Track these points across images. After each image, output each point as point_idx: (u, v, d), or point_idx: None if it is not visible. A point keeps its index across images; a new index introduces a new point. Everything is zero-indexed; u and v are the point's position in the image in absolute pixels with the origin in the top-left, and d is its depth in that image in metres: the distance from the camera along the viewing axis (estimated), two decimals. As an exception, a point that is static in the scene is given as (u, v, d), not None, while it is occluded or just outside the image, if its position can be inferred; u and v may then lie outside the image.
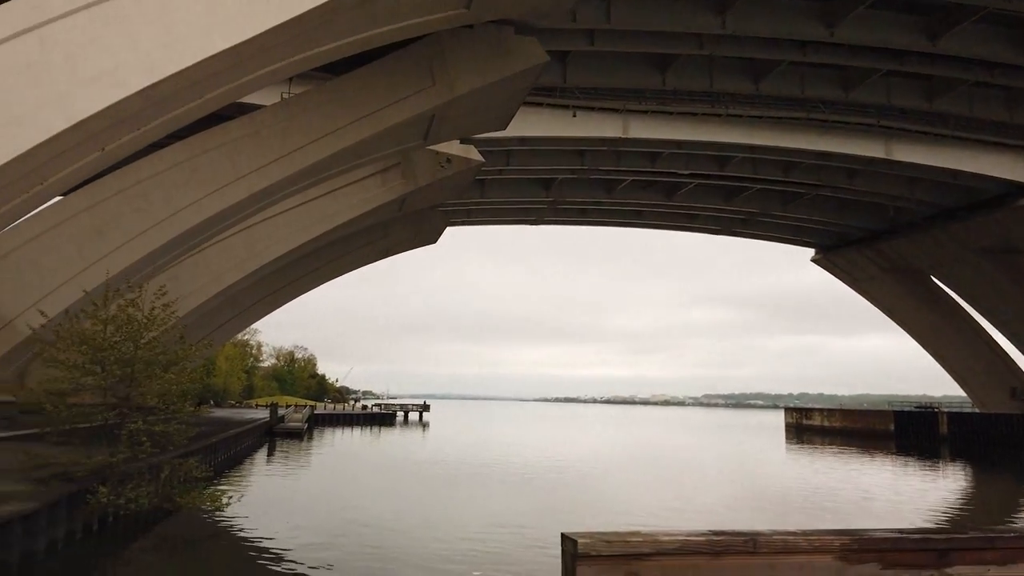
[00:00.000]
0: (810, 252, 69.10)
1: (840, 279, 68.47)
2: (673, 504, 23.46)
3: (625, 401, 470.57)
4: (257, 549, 15.38)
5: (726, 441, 67.03)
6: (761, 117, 39.88)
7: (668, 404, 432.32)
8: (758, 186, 52.28)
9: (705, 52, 32.74)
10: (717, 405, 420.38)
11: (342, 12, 18.98)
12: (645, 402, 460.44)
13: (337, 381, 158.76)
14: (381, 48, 23.74)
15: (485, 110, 28.73)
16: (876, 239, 60.25)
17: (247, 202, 27.84)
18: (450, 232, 57.98)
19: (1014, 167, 43.92)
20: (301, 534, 17.00)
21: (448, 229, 54.99)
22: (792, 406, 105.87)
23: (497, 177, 48.72)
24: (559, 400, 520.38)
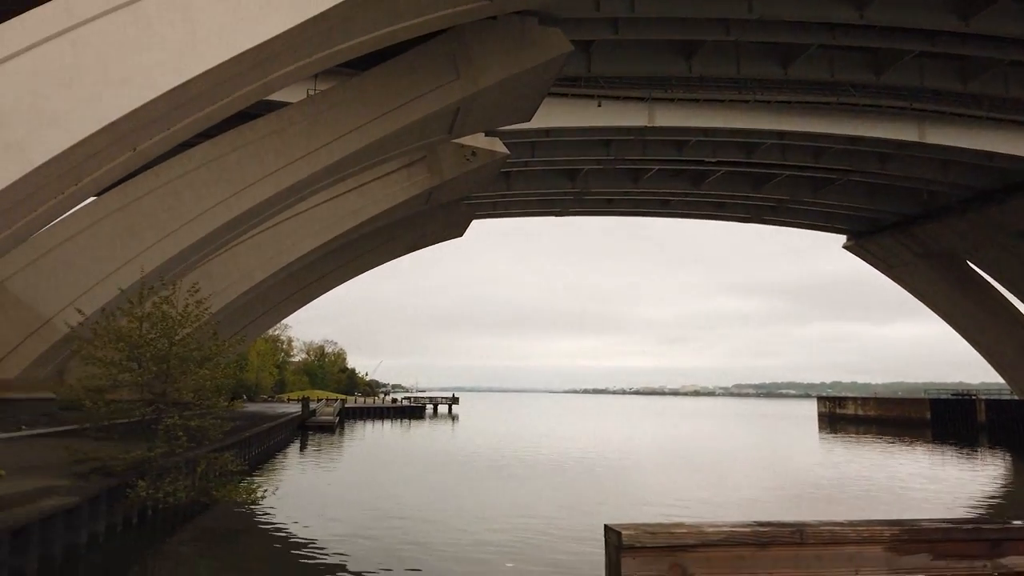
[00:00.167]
0: (841, 239, 68.07)
1: (873, 265, 67.35)
2: (708, 495, 23.28)
3: (654, 392, 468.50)
4: (292, 541, 15.57)
5: (758, 431, 66.41)
6: (790, 102, 39.30)
7: (698, 394, 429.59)
8: (787, 172, 51.57)
9: (731, 38, 32.28)
10: (748, 395, 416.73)
11: (365, 8, 19.03)
12: (675, 392, 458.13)
13: (367, 375, 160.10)
14: (405, 43, 23.78)
15: (510, 102, 28.66)
16: (910, 224, 59.12)
17: (275, 199, 28.10)
18: (477, 225, 58.11)
19: (1052, 147, 42.80)
20: (335, 526, 17.18)
21: (474, 222, 55.08)
22: (825, 395, 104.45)
23: (522, 169, 48.64)
24: (588, 391, 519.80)
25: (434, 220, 49.29)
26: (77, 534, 12.96)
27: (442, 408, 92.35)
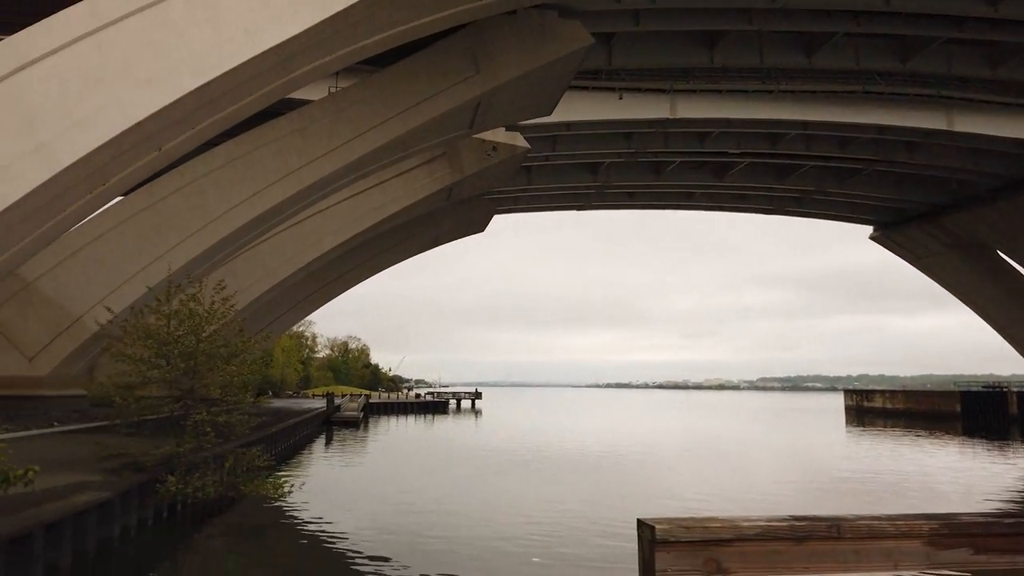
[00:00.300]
0: (867, 230, 67.16)
1: (900, 256, 66.38)
2: (736, 490, 23.11)
3: (678, 386, 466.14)
4: (319, 535, 15.71)
5: (784, 424, 65.81)
6: (815, 92, 38.79)
7: (722, 388, 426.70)
8: (812, 163, 50.96)
9: (754, 27, 31.91)
10: (773, 388, 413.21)
11: (388, 3, 19.06)
12: (698, 386, 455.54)
13: (390, 370, 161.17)
14: (425, 39, 23.79)
15: (530, 96, 28.59)
16: (938, 214, 58.15)
17: (298, 197, 28.30)
18: (498, 220, 58.12)
19: (1086, 134, 41.82)
20: (361, 519, 17.30)
21: (496, 217, 55.09)
22: (851, 388, 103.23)
23: (543, 163, 48.54)
24: (611, 386, 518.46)
25: (455, 216, 49.40)
26: (109, 528, 13.17)
27: (465, 403, 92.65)
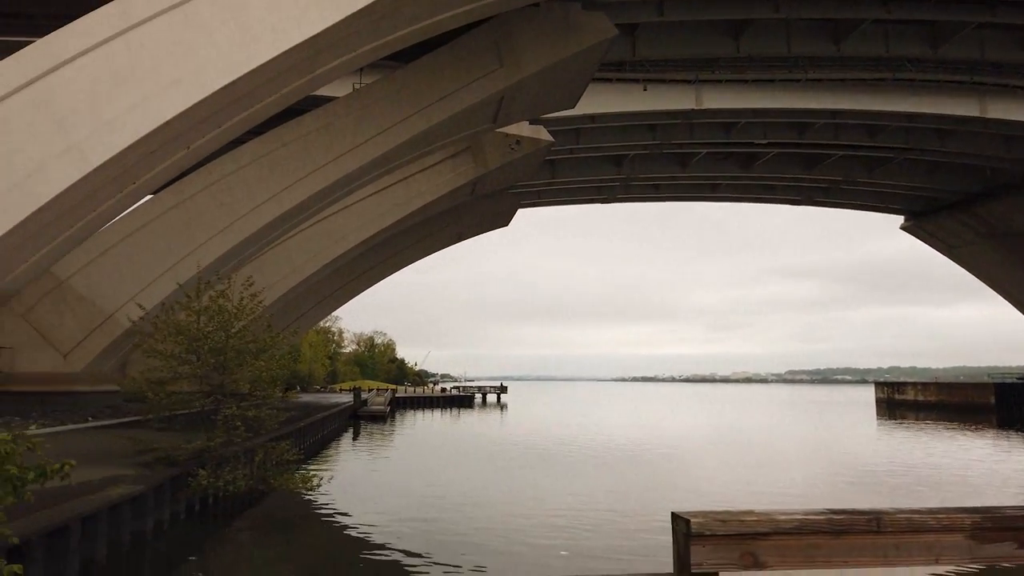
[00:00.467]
0: (898, 220, 66.01)
1: (932, 246, 65.17)
2: (767, 483, 22.88)
3: (704, 379, 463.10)
4: (348, 528, 15.84)
5: (813, 417, 65.03)
6: (843, 80, 38.15)
7: (749, 381, 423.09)
8: (841, 152, 50.16)
9: (781, 15, 31.46)
10: (801, 381, 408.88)
11: (410, -2, 19.06)
12: (725, 380, 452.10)
13: (416, 365, 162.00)
14: (448, 33, 23.78)
15: (554, 89, 28.46)
16: (971, 203, 56.95)
17: (323, 193, 28.50)
18: (523, 214, 58.02)
19: None
20: (388, 512, 17.41)
21: (520, 211, 55.01)
22: (882, 380, 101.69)
23: (567, 157, 48.33)
24: (637, 380, 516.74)
25: (479, 210, 49.42)
26: (143, 521, 13.39)
27: (491, 397, 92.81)
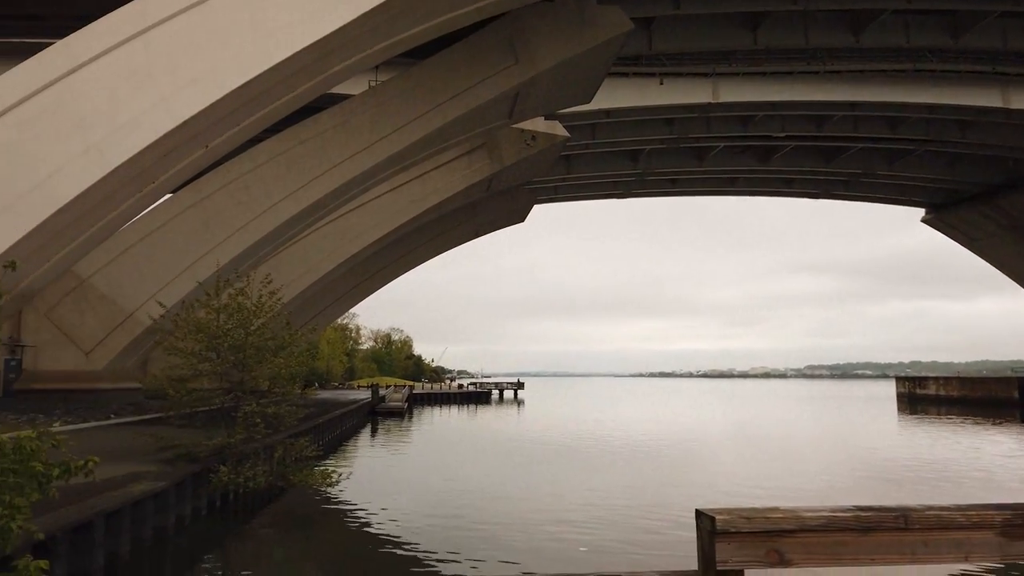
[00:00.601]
0: (918, 212, 65.31)
1: (953, 239, 64.40)
2: (789, 480, 22.68)
3: (722, 375, 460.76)
4: (368, 523, 15.91)
5: (833, 412, 64.47)
6: (863, 71, 37.75)
7: (768, 376, 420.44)
8: (860, 145, 49.65)
9: (799, 7, 31.16)
10: (821, 376, 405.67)
11: (425, -6, 19.07)
12: (743, 375, 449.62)
13: (432, 361, 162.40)
14: (463, 29, 23.77)
15: (569, 84, 28.38)
16: (993, 194, 56.19)
17: (340, 191, 28.62)
18: (539, 210, 57.97)
19: None
20: (407, 508, 17.47)
21: (536, 207, 54.96)
22: (903, 375, 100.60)
23: (583, 152, 48.22)
24: (654, 375, 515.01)
25: (495, 207, 49.43)
26: (165, 517, 13.52)
27: (508, 393, 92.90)
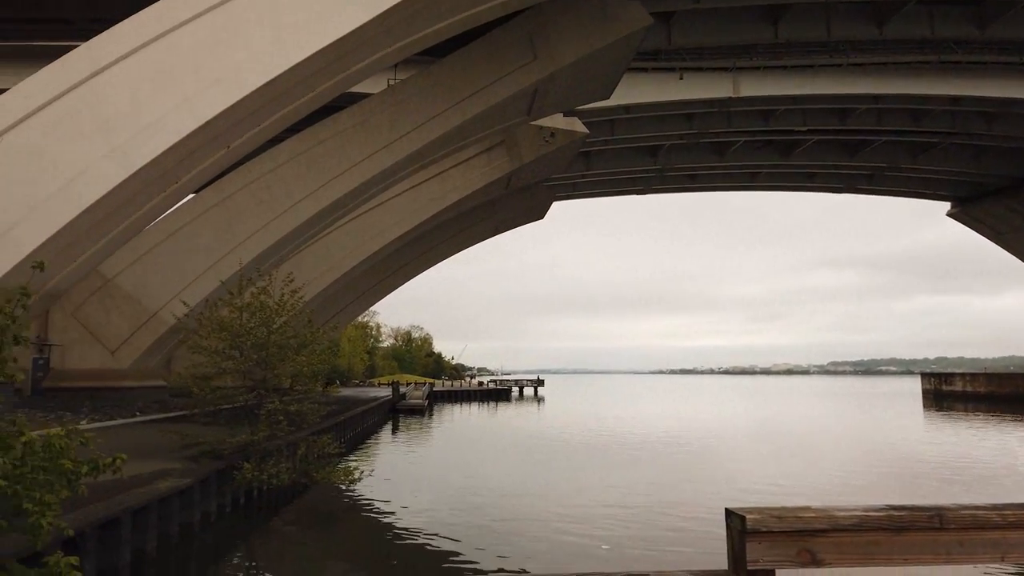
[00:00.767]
0: (944, 206, 64.36)
1: (980, 233, 63.40)
2: (815, 478, 22.46)
3: (744, 371, 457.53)
4: (390, 519, 15.99)
5: (858, 409, 63.77)
6: (886, 63, 37.24)
7: (791, 373, 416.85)
8: (884, 138, 49.02)
9: (820, -1, 30.82)
10: (844, 372, 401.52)
11: (444, -8, 19.08)
12: (766, 371, 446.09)
13: (453, 359, 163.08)
14: (481, 27, 23.76)
15: (588, 80, 28.28)
16: (1020, 187, 55.25)
17: (360, 189, 28.75)
18: (558, 207, 57.88)
19: None
20: (429, 506, 17.52)
21: (555, 204, 54.87)
22: (929, 371, 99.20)
23: (602, 148, 48.06)
24: (675, 372, 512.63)
25: (514, 204, 49.40)
26: (191, 514, 13.67)
27: (528, 391, 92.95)
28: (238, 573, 12.56)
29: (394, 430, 40.93)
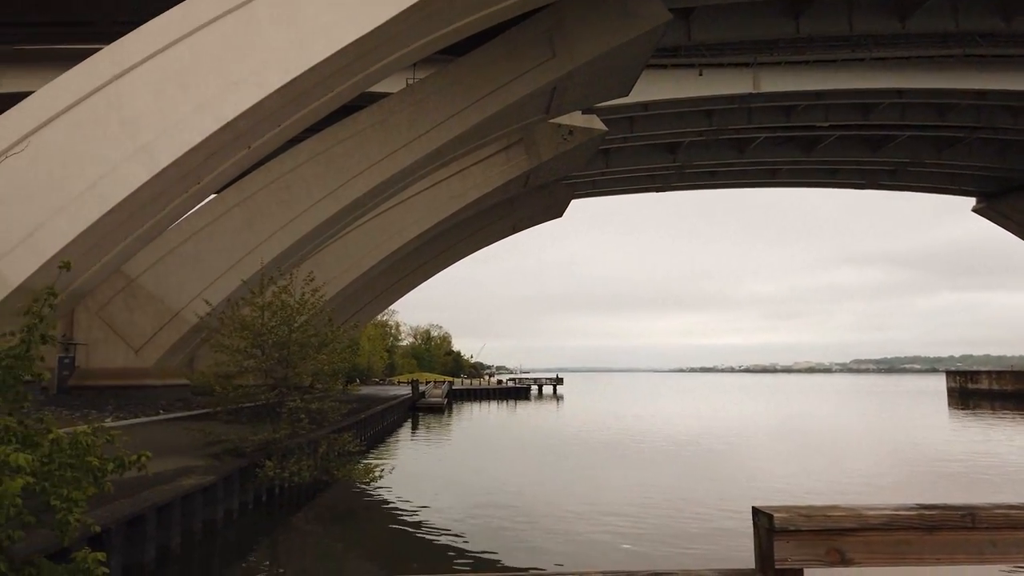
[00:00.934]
0: (969, 202, 63.41)
1: (1006, 228, 62.43)
2: (841, 477, 22.21)
3: (766, 369, 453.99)
4: (410, 517, 16.04)
5: (882, 407, 63.03)
6: (909, 58, 36.72)
7: (813, 371, 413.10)
8: (908, 133, 48.38)
9: (842, -7, 30.43)
10: (867, 371, 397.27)
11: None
12: (787, 369, 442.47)
13: (471, 357, 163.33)
14: (500, 25, 23.73)
15: (607, 77, 28.16)
16: (1049, 182, 54.30)
17: (379, 188, 28.86)
18: (576, 205, 57.73)
19: None
20: (449, 504, 17.57)
21: (574, 202, 54.73)
22: (954, 369, 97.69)
23: (621, 145, 47.85)
24: (695, 370, 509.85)
25: (533, 202, 49.35)
26: (214, 510, 13.81)
27: (547, 389, 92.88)
28: (261, 570, 12.67)
29: (414, 428, 41.08)
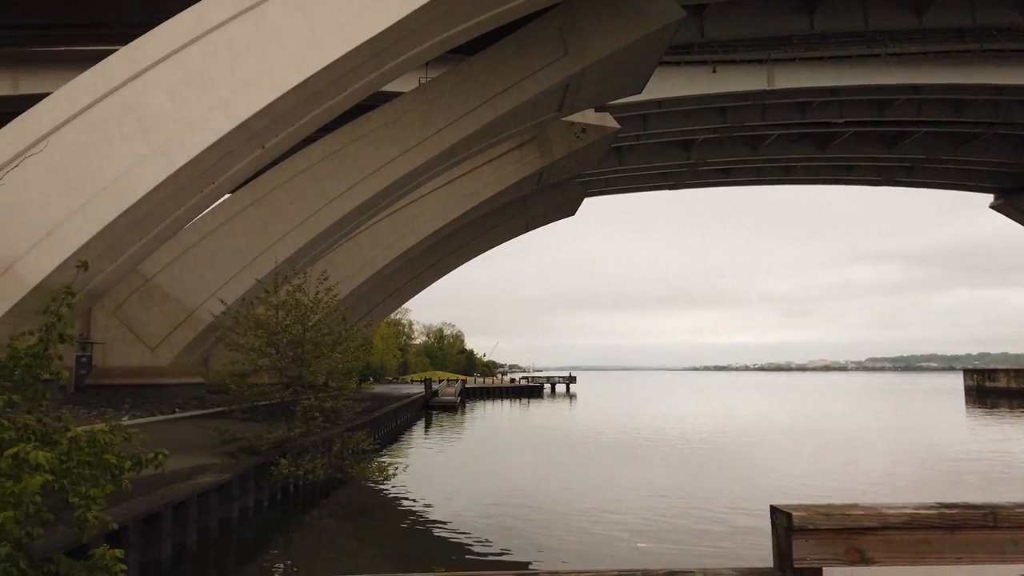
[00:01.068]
0: (987, 198, 62.77)
1: (1025, 225, 61.71)
2: (858, 476, 22.04)
3: (780, 367, 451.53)
4: (422, 517, 16.07)
5: (898, 405, 62.50)
6: (925, 53, 36.37)
7: (828, 369, 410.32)
8: (924, 129, 47.93)
9: (858, -12, 30.18)
10: (883, 369, 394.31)
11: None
12: (802, 368, 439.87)
13: (484, 355, 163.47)
14: (512, 23, 23.72)
15: (619, 75, 28.09)
16: (1068, 178, 53.63)
17: (392, 187, 28.93)
18: (590, 203, 57.63)
19: None
20: (462, 502, 17.58)
21: (586, 200, 54.63)
22: (971, 367, 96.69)
23: (634, 143, 47.70)
24: (708, 369, 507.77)
25: (546, 200, 49.33)
26: (230, 508, 13.89)
27: (560, 387, 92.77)
28: (276, 567, 12.74)
29: (427, 426, 41.14)
